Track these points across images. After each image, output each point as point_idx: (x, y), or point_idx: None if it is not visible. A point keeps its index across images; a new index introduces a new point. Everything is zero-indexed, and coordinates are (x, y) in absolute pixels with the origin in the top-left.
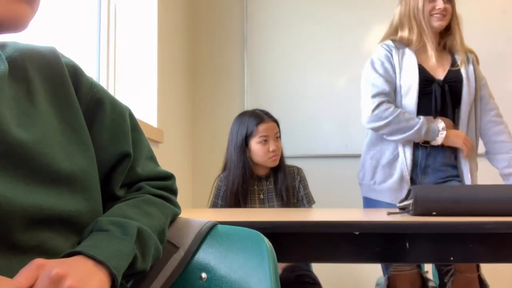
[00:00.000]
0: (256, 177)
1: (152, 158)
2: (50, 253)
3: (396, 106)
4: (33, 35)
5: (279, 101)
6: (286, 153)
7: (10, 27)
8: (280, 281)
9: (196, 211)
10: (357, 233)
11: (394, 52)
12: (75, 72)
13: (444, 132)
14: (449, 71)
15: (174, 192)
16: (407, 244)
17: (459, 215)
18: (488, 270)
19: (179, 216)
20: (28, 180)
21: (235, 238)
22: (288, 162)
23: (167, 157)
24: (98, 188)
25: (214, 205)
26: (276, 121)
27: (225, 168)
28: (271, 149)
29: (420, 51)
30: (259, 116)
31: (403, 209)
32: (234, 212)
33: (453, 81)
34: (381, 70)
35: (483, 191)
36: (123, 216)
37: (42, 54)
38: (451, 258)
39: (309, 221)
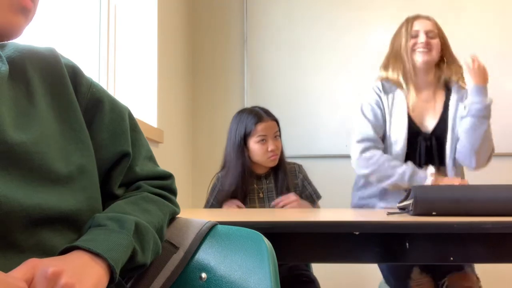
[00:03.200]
0: (256, 175)
1: (151, 158)
2: (50, 253)
3: (386, 152)
4: (33, 36)
5: (279, 101)
6: (286, 153)
7: (4, 36)
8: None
9: (196, 211)
10: (357, 233)
11: (383, 96)
12: (74, 72)
13: (431, 179)
14: (440, 120)
15: (173, 191)
16: (407, 244)
17: (459, 215)
18: (488, 270)
19: (179, 216)
20: (27, 179)
21: (235, 238)
22: (288, 161)
23: (167, 157)
24: (97, 188)
25: (208, 203)
26: (275, 120)
27: (223, 167)
28: (269, 149)
29: (410, 91)
30: (258, 115)
31: (403, 209)
32: (234, 212)
33: (440, 134)
34: (369, 115)
35: (483, 191)
36: (121, 212)
37: (41, 55)
38: (451, 258)
39: (309, 221)
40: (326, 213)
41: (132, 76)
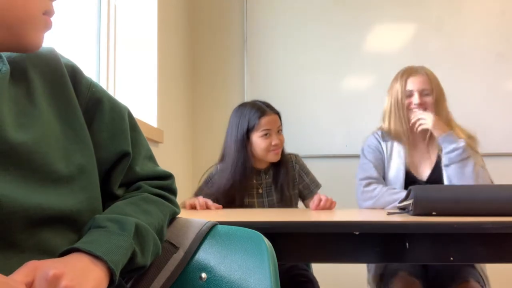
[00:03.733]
0: (255, 171)
1: (151, 158)
2: (50, 253)
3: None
4: None
5: (279, 101)
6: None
7: (28, 50)
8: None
9: (196, 211)
10: (357, 233)
11: (382, 143)
12: (74, 72)
13: None
14: (434, 169)
15: (173, 191)
16: (407, 244)
17: (459, 215)
18: (488, 270)
19: (179, 216)
20: (28, 179)
21: (235, 238)
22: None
23: (167, 157)
24: (97, 187)
25: (200, 191)
26: (278, 113)
27: (222, 159)
28: (273, 143)
29: (409, 144)
30: (261, 109)
31: (403, 209)
32: (234, 212)
33: (434, 181)
34: (370, 157)
35: (483, 191)
36: (121, 213)
37: (41, 55)
38: (451, 258)
39: (309, 221)
40: (326, 213)
41: (132, 76)
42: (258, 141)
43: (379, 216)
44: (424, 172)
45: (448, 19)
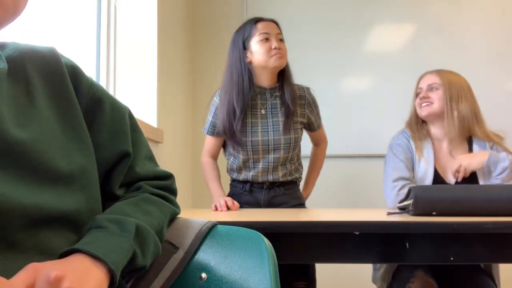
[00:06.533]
0: (259, 90)
1: (151, 158)
2: (49, 253)
3: None
4: (33, 35)
5: None
6: None
7: None
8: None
9: (196, 211)
10: (357, 233)
11: (412, 143)
12: (75, 72)
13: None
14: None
15: (173, 191)
16: (407, 244)
17: (459, 215)
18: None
19: (179, 216)
20: (27, 179)
21: (235, 238)
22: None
23: (167, 157)
24: (97, 187)
25: (207, 123)
26: (276, 22)
27: (222, 84)
28: (273, 46)
29: (436, 141)
30: (257, 17)
31: (403, 209)
32: (234, 212)
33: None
34: (401, 156)
35: (483, 191)
36: (121, 214)
37: (41, 54)
38: (451, 258)
39: (309, 221)
40: (326, 213)
41: (132, 76)
42: (257, 47)
43: (379, 216)
44: (451, 175)
45: (448, 19)
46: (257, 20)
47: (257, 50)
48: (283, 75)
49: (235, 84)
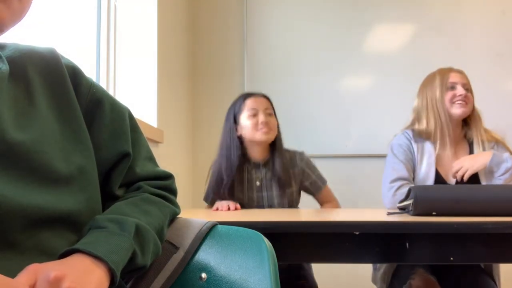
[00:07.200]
0: (253, 163)
1: (151, 159)
2: (49, 253)
3: None
4: (33, 35)
5: (279, 101)
6: None
7: None
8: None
9: (196, 211)
10: (357, 233)
11: (413, 143)
12: (75, 73)
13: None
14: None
15: (173, 192)
16: (407, 244)
17: (459, 215)
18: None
19: (179, 216)
20: (27, 179)
21: (235, 238)
22: (289, 149)
23: (167, 157)
24: (97, 188)
25: (207, 195)
26: (266, 97)
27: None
28: (260, 121)
29: (438, 144)
30: (247, 93)
31: (403, 209)
32: (234, 212)
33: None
34: (401, 157)
35: (483, 191)
36: (121, 214)
37: (41, 55)
38: (451, 258)
39: (309, 221)
40: (326, 213)
41: (132, 76)
42: (245, 122)
43: (379, 216)
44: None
45: (448, 19)
46: (246, 96)
47: (245, 125)
48: (274, 147)
49: (223, 156)
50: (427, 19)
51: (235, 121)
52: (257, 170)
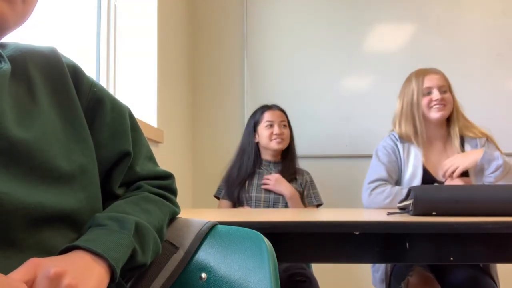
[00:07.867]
0: (264, 161)
1: (151, 158)
2: (50, 252)
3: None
4: (33, 35)
5: (279, 101)
6: None
7: None
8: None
9: (196, 211)
10: (357, 233)
11: (399, 144)
12: (76, 72)
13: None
14: None
15: (173, 191)
16: (407, 244)
17: (459, 215)
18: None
19: (179, 216)
20: (29, 177)
21: (235, 238)
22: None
23: (167, 157)
24: (98, 187)
25: (219, 189)
26: (282, 110)
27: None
28: (275, 132)
29: (425, 145)
30: (266, 106)
31: (403, 209)
32: (234, 212)
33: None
34: (384, 160)
35: (482, 191)
36: (121, 212)
37: (42, 54)
38: (451, 258)
39: (309, 221)
40: (326, 213)
41: (132, 76)
42: (263, 131)
43: (379, 216)
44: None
45: (448, 19)
46: (265, 109)
47: (262, 134)
48: (287, 153)
49: (241, 157)
50: (427, 19)
51: (254, 129)
52: (267, 167)
